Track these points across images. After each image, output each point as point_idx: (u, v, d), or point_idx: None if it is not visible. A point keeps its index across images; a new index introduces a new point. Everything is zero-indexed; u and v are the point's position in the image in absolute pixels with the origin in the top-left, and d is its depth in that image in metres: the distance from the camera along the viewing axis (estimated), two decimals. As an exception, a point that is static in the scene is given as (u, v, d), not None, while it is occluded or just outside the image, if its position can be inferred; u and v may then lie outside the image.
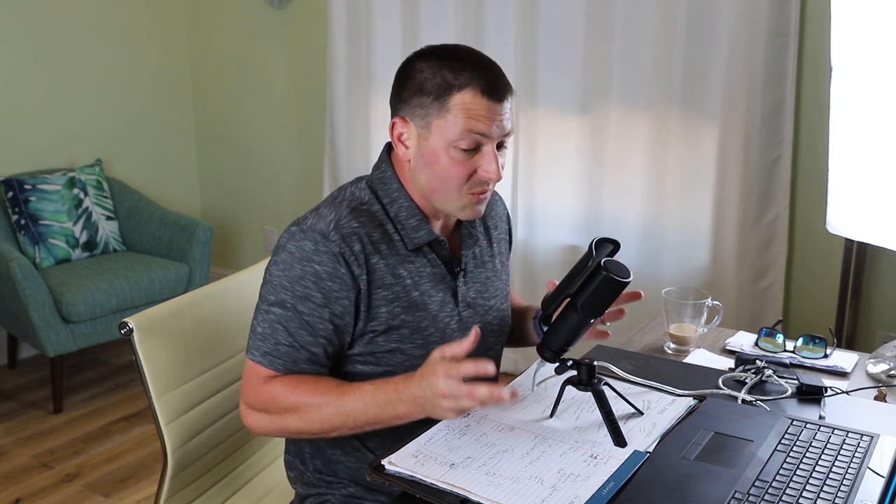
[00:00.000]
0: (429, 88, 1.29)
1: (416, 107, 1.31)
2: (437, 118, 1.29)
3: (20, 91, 3.60)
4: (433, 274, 1.39)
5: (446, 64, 1.30)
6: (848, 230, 2.44)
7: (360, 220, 1.33)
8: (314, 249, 1.29)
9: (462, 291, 1.42)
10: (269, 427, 1.34)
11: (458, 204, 1.34)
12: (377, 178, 1.40)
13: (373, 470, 1.19)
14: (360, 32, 3.58)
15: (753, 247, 2.91)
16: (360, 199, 1.37)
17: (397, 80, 1.35)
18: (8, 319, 3.23)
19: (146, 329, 1.45)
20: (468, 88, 1.28)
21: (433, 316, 1.38)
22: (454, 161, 1.30)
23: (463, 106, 1.28)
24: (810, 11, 2.74)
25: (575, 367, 1.33)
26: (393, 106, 1.36)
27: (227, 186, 4.34)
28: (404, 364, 1.36)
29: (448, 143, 1.29)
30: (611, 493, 1.12)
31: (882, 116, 2.22)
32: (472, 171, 1.31)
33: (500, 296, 1.51)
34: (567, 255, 3.26)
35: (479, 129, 1.29)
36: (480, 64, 1.31)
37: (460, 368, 1.18)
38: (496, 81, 1.31)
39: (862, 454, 1.23)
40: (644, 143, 3.02)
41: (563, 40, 3.10)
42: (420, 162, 1.33)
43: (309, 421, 1.29)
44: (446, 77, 1.29)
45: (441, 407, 1.19)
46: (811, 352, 1.69)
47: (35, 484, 2.72)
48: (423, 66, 1.31)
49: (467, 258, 1.44)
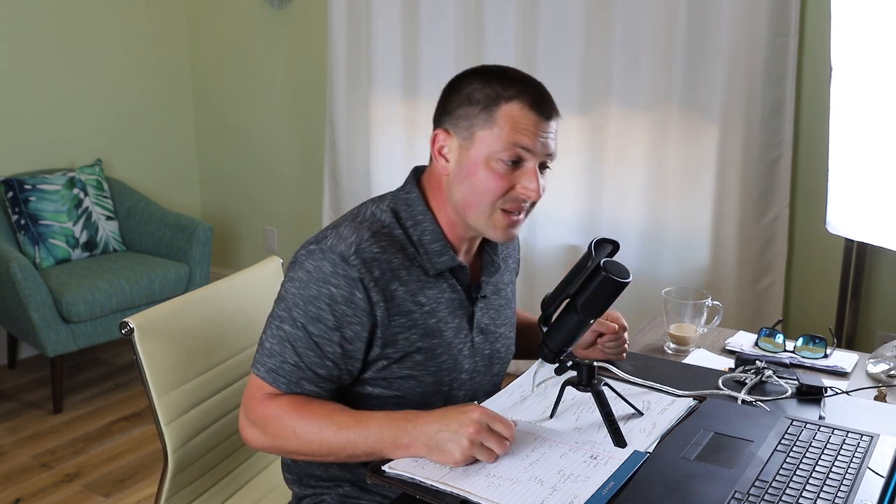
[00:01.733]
0: (477, 98, 1.28)
1: (462, 117, 1.29)
2: (481, 128, 1.28)
3: (20, 91, 3.60)
4: (451, 300, 1.37)
5: (497, 78, 1.29)
6: (848, 230, 2.44)
7: (382, 244, 1.30)
8: (332, 272, 1.26)
9: (478, 318, 1.41)
10: (265, 444, 1.31)
11: (490, 222, 1.32)
12: (401, 199, 1.36)
13: (373, 473, 1.19)
14: (360, 32, 3.58)
15: (753, 247, 2.91)
16: (382, 221, 1.33)
17: (444, 95, 1.34)
18: (8, 319, 3.23)
19: (147, 329, 1.45)
20: (517, 100, 1.27)
21: (448, 343, 1.36)
22: (494, 174, 1.28)
23: (510, 117, 1.26)
24: (810, 11, 2.74)
25: (575, 367, 1.33)
26: (436, 119, 1.34)
27: (227, 186, 4.34)
28: (416, 390, 1.36)
29: (490, 155, 1.27)
30: (611, 493, 1.12)
31: (882, 116, 2.22)
32: (510, 186, 1.29)
33: (508, 323, 1.50)
34: (567, 255, 3.26)
35: (524, 143, 1.27)
36: (531, 81, 1.31)
37: (496, 418, 1.21)
38: (545, 98, 1.30)
39: (862, 454, 1.23)
40: (644, 143, 3.02)
41: (563, 40, 3.10)
42: (459, 174, 1.30)
43: (307, 443, 1.27)
44: (496, 88, 1.28)
45: (460, 443, 1.17)
46: (811, 352, 1.69)
47: (35, 484, 2.72)
48: (472, 80, 1.30)
49: (487, 285, 1.43)
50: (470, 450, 1.17)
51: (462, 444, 1.17)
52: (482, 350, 1.43)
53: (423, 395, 1.36)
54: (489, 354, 1.44)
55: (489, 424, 1.19)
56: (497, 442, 1.19)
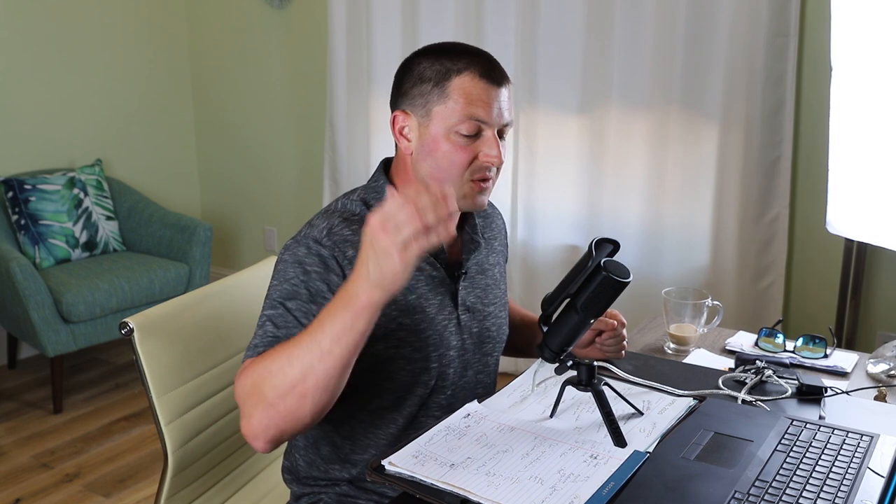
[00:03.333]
0: (428, 76, 1.31)
1: (417, 96, 1.32)
2: (437, 104, 1.31)
3: (20, 91, 3.60)
4: (431, 277, 1.39)
5: (444, 54, 1.33)
6: (848, 230, 2.44)
7: (353, 228, 1.32)
8: (306, 253, 1.29)
9: (462, 295, 1.42)
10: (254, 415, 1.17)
11: (460, 193, 1.34)
12: (370, 189, 1.40)
13: (372, 471, 1.19)
14: (360, 32, 3.58)
15: (753, 247, 2.91)
16: (352, 210, 1.37)
17: (397, 78, 1.37)
18: (8, 319, 3.23)
19: (146, 329, 1.45)
20: (467, 72, 1.30)
21: (431, 318, 1.37)
22: (456, 146, 1.31)
23: (462, 90, 1.30)
24: (810, 11, 2.74)
25: (575, 367, 1.33)
26: (393, 102, 1.38)
27: (227, 186, 4.34)
28: (405, 368, 1.36)
29: (449, 129, 1.30)
30: (611, 493, 1.12)
31: (882, 116, 2.22)
32: (473, 156, 1.32)
33: (498, 303, 1.51)
34: (567, 255, 3.26)
35: (479, 115, 1.30)
36: (478, 52, 1.35)
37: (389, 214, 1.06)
38: (494, 66, 1.33)
39: (862, 454, 1.23)
40: (644, 143, 3.02)
41: (563, 40, 3.10)
42: (422, 151, 1.34)
43: (282, 373, 1.15)
44: (445, 63, 1.31)
45: (385, 250, 1.05)
46: (811, 352, 1.69)
47: (35, 484, 2.72)
48: (422, 59, 1.34)
49: (470, 263, 1.44)
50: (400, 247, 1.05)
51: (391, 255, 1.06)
52: (470, 328, 1.43)
53: (412, 374, 1.36)
54: (478, 332, 1.45)
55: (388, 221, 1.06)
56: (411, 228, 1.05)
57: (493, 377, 1.53)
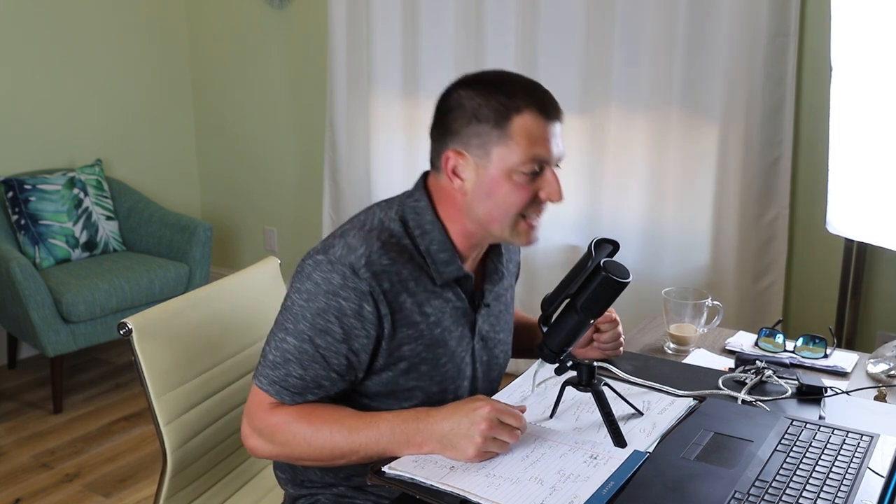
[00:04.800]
0: (486, 115, 1.26)
1: (473, 136, 1.27)
2: (497, 145, 1.26)
3: (20, 91, 3.60)
4: (456, 309, 1.36)
5: (497, 88, 1.28)
6: (848, 230, 2.44)
7: (391, 255, 1.28)
8: (342, 284, 1.25)
9: (480, 325, 1.41)
10: (272, 452, 1.31)
11: (516, 231, 1.32)
12: (410, 208, 1.34)
13: (373, 474, 1.19)
14: (360, 32, 3.58)
15: (753, 247, 2.91)
16: (391, 230, 1.31)
17: (443, 111, 1.32)
18: (8, 319, 3.23)
19: (145, 330, 1.45)
20: (527, 111, 1.26)
21: (451, 352, 1.36)
22: (517, 187, 1.27)
23: (524, 130, 1.25)
24: (810, 11, 2.74)
25: (575, 367, 1.33)
26: (440, 139, 1.32)
27: (227, 186, 4.34)
28: (421, 398, 1.36)
29: (511, 169, 1.27)
30: (611, 493, 1.12)
31: (882, 116, 2.22)
32: (533, 194, 1.29)
33: (507, 329, 1.50)
34: (567, 255, 3.26)
35: (542, 155, 1.27)
36: (533, 86, 1.30)
37: (505, 411, 1.22)
38: (551, 101, 1.30)
39: (862, 454, 1.23)
40: (644, 143, 3.02)
41: (563, 40, 3.10)
42: (479, 192, 1.29)
43: (319, 449, 1.26)
44: (501, 101, 1.26)
45: (474, 440, 1.19)
46: (811, 352, 1.69)
47: (35, 484, 2.72)
48: (471, 94, 1.28)
49: (489, 293, 1.42)
50: (483, 445, 1.19)
51: (475, 440, 1.19)
52: (481, 357, 1.43)
53: (427, 403, 1.36)
54: (487, 361, 1.45)
55: (500, 418, 1.21)
56: (509, 434, 1.21)
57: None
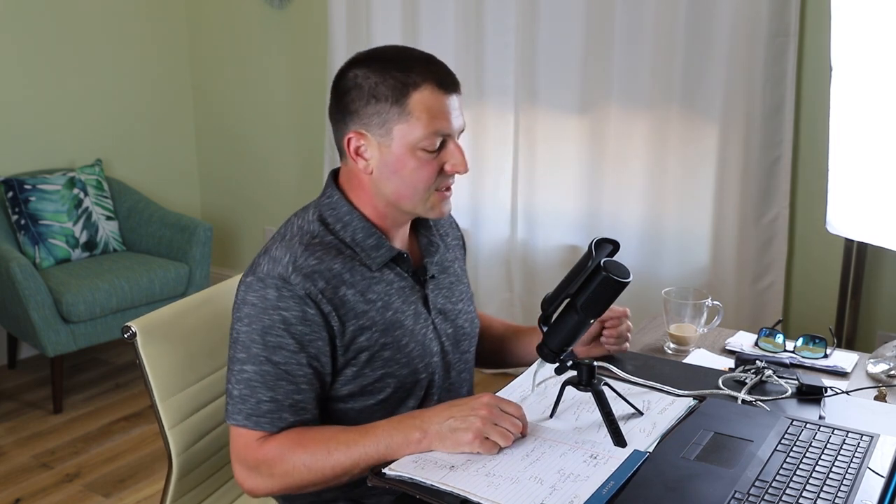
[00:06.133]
0: (383, 93, 1.26)
1: (373, 115, 1.27)
2: (397, 122, 1.27)
3: (21, 91, 3.59)
4: (402, 288, 1.37)
5: (391, 65, 1.27)
6: (848, 230, 2.44)
7: (317, 254, 1.28)
8: (278, 296, 1.25)
9: (432, 298, 1.42)
10: (273, 486, 1.28)
11: (427, 205, 1.33)
12: (325, 205, 1.36)
13: (374, 475, 1.19)
14: (360, 33, 3.57)
15: (753, 247, 2.91)
16: (311, 232, 1.32)
17: (337, 94, 1.31)
18: (8, 319, 3.23)
19: (149, 332, 1.45)
20: (424, 85, 1.26)
21: (410, 330, 1.36)
22: (422, 162, 1.29)
23: (423, 105, 1.26)
24: (810, 11, 2.74)
25: (575, 367, 1.33)
26: (340, 121, 1.32)
27: (227, 186, 4.34)
28: (393, 386, 1.35)
29: (413, 146, 1.27)
30: (611, 492, 1.12)
31: (882, 116, 2.22)
32: (439, 168, 1.30)
33: (465, 298, 1.51)
34: (567, 255, 3.26)
35: (443, 129, 1.28)
36: (425, 59, 1.30)
37: (507, 401, 1.23)
38: (447, 74, 1.30)
39: (862, 454, 1.23)
40: (644, 143, 3.02)
41: (563, 40, 3.10)
42: (385, 171, 1.30)
43: (320, 471, 1.24)
44: (398, 78, 1.26)
45: (473, 425, 1.18)
46: (811, 352, 1.69)
47: (35, 484, 2.72)
48: (366, 73, 1.28)
49: (431, 265, 1.43)
50: (483, 429, 1.19)
51: (475, 425, 1.19)
52: (445, 330, 1.43)
53: (402, 388, 1.36)
54: (453, 333, 1.44)
55: (500, 407, 1.22)
56: (510, 422, 1.21)
57: (472, 371, 1.54)
